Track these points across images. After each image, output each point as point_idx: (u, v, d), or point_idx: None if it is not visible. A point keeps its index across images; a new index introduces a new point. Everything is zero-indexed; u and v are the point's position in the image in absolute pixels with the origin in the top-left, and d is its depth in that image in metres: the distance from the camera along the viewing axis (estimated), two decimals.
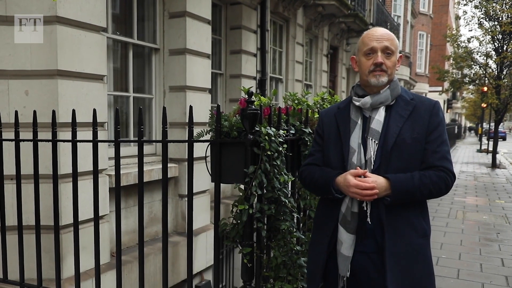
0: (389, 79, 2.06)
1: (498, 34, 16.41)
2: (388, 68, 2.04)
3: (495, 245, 6.55)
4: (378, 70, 2.03)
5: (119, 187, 2.72)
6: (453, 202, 9.83)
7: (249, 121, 2.38)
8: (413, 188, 1.96)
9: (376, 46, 2.04)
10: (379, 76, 2.03)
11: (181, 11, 5.14)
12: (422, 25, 31.90)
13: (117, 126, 2.65)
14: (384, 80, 2.04)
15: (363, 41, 2.09)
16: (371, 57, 2.05)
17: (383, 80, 2.04)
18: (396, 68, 2.10)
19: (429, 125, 2.01)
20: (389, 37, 2.06)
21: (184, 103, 5.14)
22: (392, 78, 2.08)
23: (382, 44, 2.03)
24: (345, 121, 2.15)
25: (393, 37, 2.07)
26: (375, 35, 2.06)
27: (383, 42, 2.03)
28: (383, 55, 2.04)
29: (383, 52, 2.04)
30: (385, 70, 2.04)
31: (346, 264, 2.06)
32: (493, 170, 16.83)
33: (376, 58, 2.03)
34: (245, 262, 2.51)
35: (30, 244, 3.32)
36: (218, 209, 2.57)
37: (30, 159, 3.08)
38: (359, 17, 12.56)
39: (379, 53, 2.03)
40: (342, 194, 2.06)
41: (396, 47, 2.07)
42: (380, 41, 2.04)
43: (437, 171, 1.99)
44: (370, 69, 2.05)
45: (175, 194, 5.33)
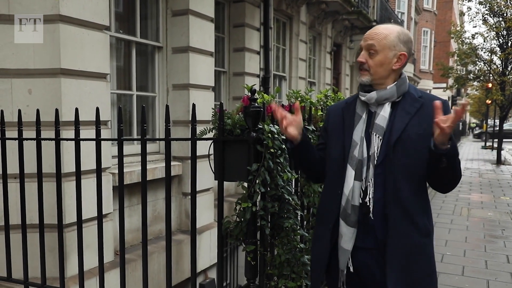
0: (373, 78, 2.03)
1: (502, 30, 16.35)
2: (370, 67, 2.02)
3: (500, 242, 6.53)
4: (361, 69, 2.05)
5: (122, 185, 2.72)
6: (458, 199, 9.81)
7: (252, 118, 2.38)
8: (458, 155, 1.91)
9: (362, 44, 2.05)
10: (362, 75, 2.05)
11: (184, 9, 5.13)
12: (426, 22, 31.78)
13: (120, 124, 2.65)
14: (366, 80, 2.03)
15: None
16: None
17: (364, 79, 2.04)
18: (395, 66, 2.03)
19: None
20: (377, 36, 2.01)
21: (188, 101, 5.13)
22: (378, 77, 2.04)
23: (366, 43, 2.03)
24: (350, 115, 2.13)
25: (382, 36, 2.00)
26: (367, 33, 2.06)
27: (367, 41, 2.03)
28: (366, 53, 2.03)
29: (367, 51, 2.03)
30: (366, 69, 2.02)
31: (345, 258, 2.05)
32: (498, 167, 16.78)
33: (360, 56, 2.04)
34: (248, 260, 2.51)
35: (34, 243, 3.32)
36: (222, 207, 2.56)
37: (33, 158, 3.08)
38: (363, 14, 12.53)
39: (363, 52, 2.04)
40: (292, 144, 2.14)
41: (383, 46, 2.00)
42: (365, 40, 2.04)
43: None
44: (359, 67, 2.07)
45: (179, 192, 5.33)
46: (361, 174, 2.01)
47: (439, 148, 1.83)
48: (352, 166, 2.03)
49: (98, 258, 2.84)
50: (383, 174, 1.99)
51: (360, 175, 2.01)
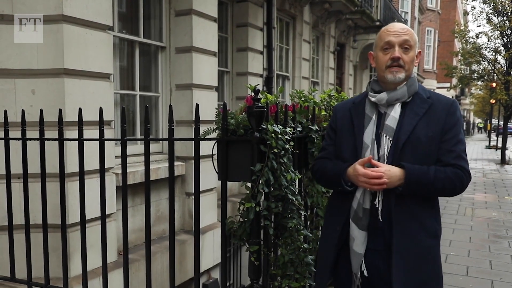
0: (407, 75, 2.02)
1: (507, 29, 16.31)
2: (406, 63, 2.00)
3: (504, 242, 6.50)
4: (395, 66, 1.99)
5: (125, 185, 2.72)
6: (462, 199, 9.77)
7: (256, 118, 2.37)
8: (427, 180, 1.92)
9: (394, 40, 2.00)
10: (396, 72, 1.99)
11: (187, 9, 5.13)
12: (429, 21, 31.71)
13: (124, 124, 2.64)
14: (401, 76, 2.00)
15: (381, 36, 2.06)
16: (388, 52, 2.01)
17: (400, 76, 2.00)
18: (415, 63, 2.06)
19: (445, 124, 1.97)
20: (408, 32, 2.02)
21: (191, 101, 5.13)
22: (410, 74, 2.04)
23: (400, 38, 1.99)
24: (359, 116, 2.12)
25: (412, 32, 2.04)
26: (393, 29, 2.02)
27: (401, 36, 1.99)
28: (400, 49, 1.99)
29: (400, 47, 1.99)
30: (402, 65, 1.99)
31: (358, 261, 2.04)
32: (502, 167, 16.72)
33: (393, 52, 1.99)
34: (252, 260, 2.50)
35: (38, 243, 3.32)
36: (225, 207, 2.56)
37: (37, 158, 3.08)
38: (366, 14, 12.51)
39: (397, 48, 1.99)
40: (352, 186, 2.04)
41: (414, 41, 2.02)
42: (398, 35, 2.00)
43: (453, 168, 1.95)
44: (387, 64, 2.01)
45: (182, 192, 5.33)
46: None
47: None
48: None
49: (101, 258, 2.83)
50: None
51: None
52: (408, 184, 1.91)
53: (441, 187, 1.95)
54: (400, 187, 1.92)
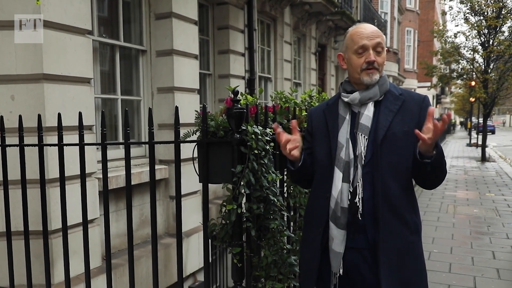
0: (380, 76, 2.07)
1: (484, 29, 16.54)
2: (380, 65, 2.05)
3: (486, 238, 6.61)
4: (371, 68, 2.03)
5: (107, 190, 2.70)
6: (444, 196, 9.90)
7: (235, 120, 2.37)
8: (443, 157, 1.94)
9: (368, 44, 2.03)
10: (372, 74, 2.03)
11: (167, 12, 5.12)
12: (409, 21, 32.08)
13: (103, 128, 2.63)
14: (376, 78, 2.04)
15: (352, 39, 2.07)
16: (362, 55, 2.04)
17: (375, 77, 2.04)
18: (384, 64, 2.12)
19: (419, 119, 1.99)
20: (379, 34, 2.07)
21: (173, 104, 5.12)
22: (381, 75, 2.08)
23: (374, 41, 2.03)
24: (333, 116, 2.15)
25: (381, 33, 2.09)
26: (365, 32, 2.05)
27: (374, 39, 2.03)
28: (374, 52, 2.04)
29: (374, 50, 2.04)
30: (377, 67, 2.04)
31: (338, 261, 2.05)
32: (483, 164, 16.98)
33: (369, 56, 2.02)
34: (235, 262, 2.50)
35: (20, 250, 3.28)
36: (207, 210, 2.56)
37: (17, 164, 3.05)
38: (346, 15, 12.60)
39: (371, 51, 2.03)
40: (294, 165, 2.18)
41: (385, 42, 2.09)
42: (371, 39, 2.03)
43: None
44: (362, 67, 2.04)
45: (166, 196, 5.31)
46: (348, 176, 2.02)
47: (424, 155, 1.87)
48: (339, 168, 2.04)
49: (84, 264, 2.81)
50: (371, 173, 2.00)
51: (348, 177, 2.02)
52: (439, 153, 1.88)
53: (443, 169, 1.97)
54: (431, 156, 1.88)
